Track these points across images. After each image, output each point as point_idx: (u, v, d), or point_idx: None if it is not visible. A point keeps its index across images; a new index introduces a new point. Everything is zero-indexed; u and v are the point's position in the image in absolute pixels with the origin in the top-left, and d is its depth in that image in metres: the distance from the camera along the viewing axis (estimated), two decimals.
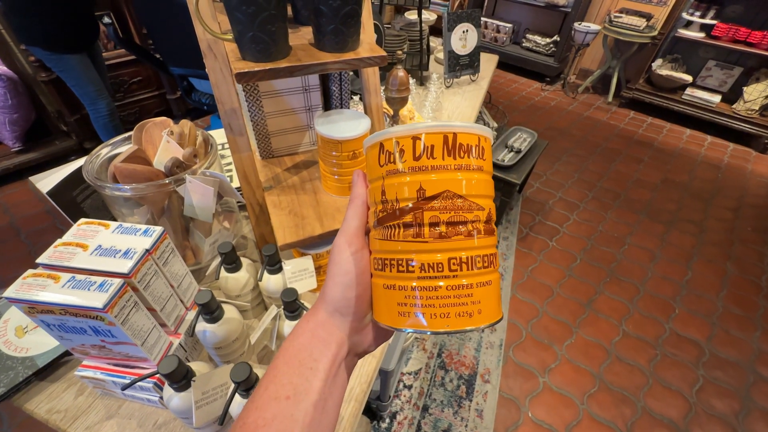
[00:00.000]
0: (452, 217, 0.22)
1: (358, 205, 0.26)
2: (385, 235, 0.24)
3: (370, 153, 0.25)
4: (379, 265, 0.24)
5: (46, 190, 0.57)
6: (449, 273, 0.22)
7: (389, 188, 0.23)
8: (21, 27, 1.53)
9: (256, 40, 0.45)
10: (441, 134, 0.22)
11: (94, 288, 0.41)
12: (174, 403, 0.45)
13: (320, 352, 0.24)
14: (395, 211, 0.23)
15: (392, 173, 0.23)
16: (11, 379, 0.53)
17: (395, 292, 0.23)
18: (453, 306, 0.22)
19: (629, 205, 2.25)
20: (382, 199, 0.24)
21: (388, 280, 0.24)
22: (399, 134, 0.23)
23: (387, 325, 0.24)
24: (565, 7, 3.28)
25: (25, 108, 2.07)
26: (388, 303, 0.24)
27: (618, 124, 3.12)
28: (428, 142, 0.22)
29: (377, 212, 0.24)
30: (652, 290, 1.75)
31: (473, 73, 1.56)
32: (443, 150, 0.22)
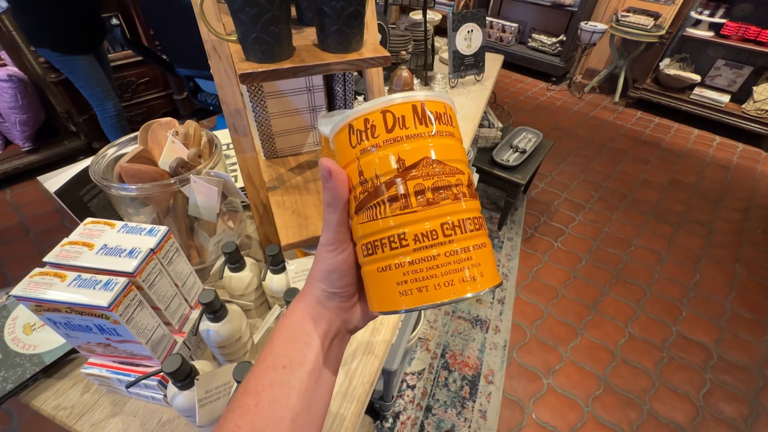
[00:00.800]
0: (436, 183, 0.22)
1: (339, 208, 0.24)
2: (370, 216, 0.23)
3: (339, 138, 0.24)
4: (369, 249, 0.23)
5: (53, 189, 0.58)
6: (444, 239, 0.22)
7: (366, 166, 0.23)
8: (30, 29, 1.55)
9: (260, 41, 0.46)
10: (409, 104, 0.22)
11: (99, 287, 0.42)
12: (178, 401, 0.45)
13: (312, 328, 0.25)
14: (377, 187, 0.22)
15: (367, 151, 0.23)
16: (19, 375, 0.54)
17: (392, 272, 0.22)
18: (455, 272, 0.22)
19: (636, 206, 2.23)
20: (361, 180, 0.23)
21: (381, 262, 0.23)
22: (366, 111, 0.22)
23: (388, 310, 0.23)
24: (572, 6, 3.26)
25: (35, 108, 2.10)
26: (385, 286, 0.23)
27: (625, 125, 3.09)
28: (398, 113, 0.22)
29: (357, 196, 0.23)
30: (658, 292, 1.73)
31: (478, 73, 1.55)
32: (414, 119, 0.22)
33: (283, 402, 0.23)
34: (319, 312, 0.26)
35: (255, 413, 0.23)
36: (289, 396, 0.23)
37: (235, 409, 0.23)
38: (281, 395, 0.23)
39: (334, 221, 0.25)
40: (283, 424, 0.23)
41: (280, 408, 0.23)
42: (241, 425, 0.22)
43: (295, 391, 0.23)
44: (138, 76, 2.35)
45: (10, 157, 2.11)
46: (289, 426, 0.23)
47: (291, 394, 0.23)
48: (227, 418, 0.23)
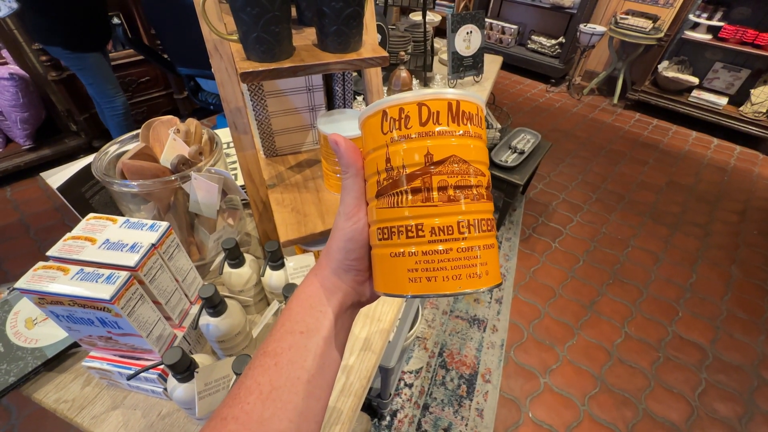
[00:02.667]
0: (459, 181, 0.23)
1: (354, 174, 0.27)
2: (391, 203, 0.24)
3: (370, 122, 0.25)
4: (384, 234, 0.24)
5: (56, 185, 0.59)
6: (459, 236, 0.23)
7: (395, 155, 0.23)
8: (42, 27, 1.55)
9: (260, 40, 0.47)
10: (446, 101, 0.23)
11: (101, 280, 0.42)
12: (177, 394, 0.46)
13: (328, 299, 0.27)
14: (402, 177, 0.23)
15: (398, 140, 0.23)
16: (21, 368, 0.55)
17: (404, 258, 0.23)
18: (464, 267, 0.23)
19: (633, 207, 2.24)
20: (387, 167, 0.24)
21: (395, 248, 0.24)
22: (404, 101, 0.23)
23: (394, 293, 0.24)
24: (571, 8, 3.28)
25: (36, 107, 2.11)
26: (395, 271, 0.24)
27: (623, 126, 3.11)
28: (434, 108, 0.23)
29: (380, 181, 0.24)
30: (655, 293, 1.74)
31: (477, 75, 1.56)
32: (448, 116, 0.23)
33: (299, 363, 0.25)
34: (335, 284, 0.27)
35: (274, 372, 0.24)
36: (306, 358, 0.25)
37: (256, 368, 0.25)
38: (298, 357, 0.25)
39: (350, 187, 0.27)
40: (299, 383, 0.24)
41: (297, 368, 0.25)
42: (261, 381, 0.24)
43: (311, 355, 0.25)
44: (139, 75, 2.36)
45: (10, 155, 2.11)
46: (305, 386, 0.25)
47: (307, 357, 0.25)
48: (248, 375, 0.25)
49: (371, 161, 0.25)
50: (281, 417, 0.23)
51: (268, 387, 0.24)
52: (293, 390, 0.24)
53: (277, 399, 0.24)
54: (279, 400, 0.24)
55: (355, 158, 0.27)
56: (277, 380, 0.24)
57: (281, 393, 0.24)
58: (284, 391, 0.24)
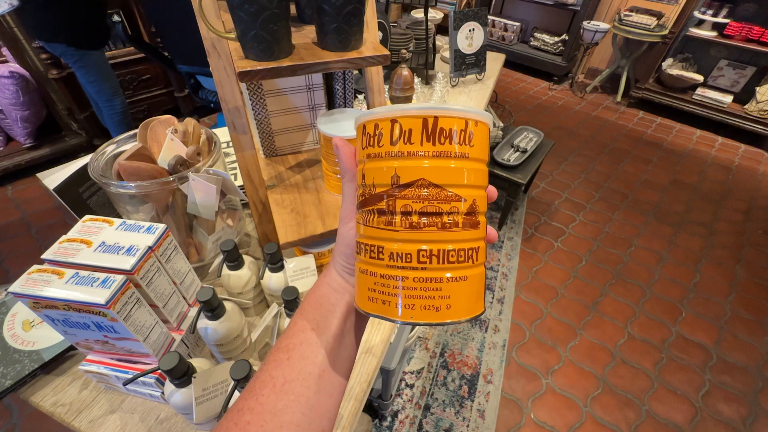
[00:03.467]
0: (425, 207, 0.21)
1: (350, 179, 0.27)
2: (363, 219, 0.24)
3: (357, 134, 0.25)
4: (359, 248, 0.24)
5: (53, 186, 0.58)
6: (417, 265, 0.22)
7: (368, 172, 0.23)
8: (46, 24, 1.54)
9: (259, 38, 0.45)
10: (420, 118, 0.21)
11: (97, 284, 0.42)
12: (175, 399, 0.45)
13: (336, 300, 0.28)
14: (372, 196, 0.23)
15: (371, 157, 0.23)
16: (18, 372, 0.54)
17: (367, 277, 0.23)
18: (419, 298, 0.21)
19: (637, 206, 2.23)
20: (362, 182, 0.24)
21: (362, 265, 0.24)
22: (379, 116, 0.22)
23: (358, 307, 0.24)
24: (574, 5, 3.24)
25: (36, 105, 2.10)
26: (362, 287, 0.24)
27: (626, 124, 3.08)
28: (406, 126, 0.21)
29: (358, 195, 0.24)
30: (658, 293, 1.72)
31: (479, 72, 1.55)
32: (422, 135, 0.21)
33: (311, 358, 0.26)
34: (342, 286, 0.28)
35: (287, 365, 0.26)
36: (317, 354, 0.26)
37: (270, 362, 0.26)
38: (309, 352, 0.26)
39: (347, 193, 0.27)
40: (310, 377, 0.25)
41: (308, 363, 0.26)
42: (275, 375, 0.25)
43: (322, 351, 0.26)
44: (139, 73, 2.35)
45: (11, 154, 2.11)
46: (316, 380, 0.25)
47: (318, 352, 0.26)
48: (263, 369, 0.26)
49: (357, 172, 0.25)
50: (294, 409, 0.24)
51: (282, 380, 0.25)
52: (305, 384, 0.25)
53: (290, 391, 0.25)
54: (292, 392, 0.25)
55: (351, 164, 0.27)
56: (290, 373, 0.25)
57: (294, 386, 0.25)
58: (296, 384, 0.25)
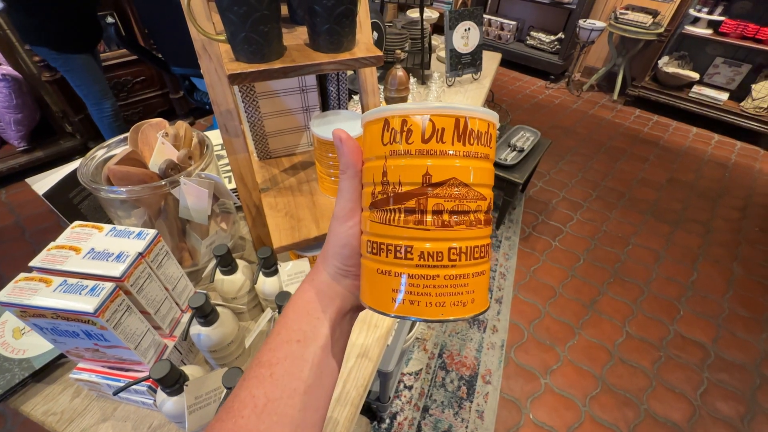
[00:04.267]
0: (456, 206, 0.22)
1: (352, 176, 0.25)
2: (383, 218, 0.23)
3: (371, 128, 0.23)
4: (374, 248, 0.23)
5: (42, 191, 0.57)
6: (448, 263, 0.22)
7: (392, 169, 0.22)
8: (28, 27, 1.53)
9: (249, 40, 0.45)
10: (453, 117, 0.21)
11: (85, 292, 0.41)
12: (167, 408, 0.45)
13: (325, 305, 0.26)
14: (397, 194, 0.22)
15: (397, 154, 0.22)
16: (8, 380, 0.53)
17: (390, 278, 0.23)
18: (449, 295, 0.22)
19: (634, 204, 2.23)
20: (383, 180, 0.23)
21: (383, 266, 0.23)
22: (408, 112, 0.21)
23: (377, 309, 0.23)
24: (570, 4, 3.25)
25: (30, 108, 2.08)
26: (381, 288, 0.23)
27: (623, 123, 3.09)
28: (439, 125, 0.21)
29: (375, 193, 0.23)
30: (656, 291, 1.73)
31: (475, 72, 1.54)
32: (453, 134, 0.21)
33: (296, 374, 0.24)
34: (333, 289, 0.26)
35: (270, 383, 0.24)
36: (302, 369, 0.24)
37: (251, 379, 0.24)
38: (295, 368, 0.24)
39: (346, 189, 0.25)
40: (296, 395, 0.24)
41: (294, 380, 0.24)
42: (256, 394, 0.23)
43: (308, 365, 0.24)
44: (134, 75, 2.34)
45: (5, 157, 2.09)
46: (302, 397, 0.24)
47: (304, 367, 0.24)
48: (242, 386, 0.24)
49: (369, 169, 0.24)
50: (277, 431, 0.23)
51: (264, 399, 0.23)
52: (290, 402, 0.23)
53: (273, 412, 0.23)
54: (275, 413, 0.23)
55: (355, 159, 0.25)
56: (273, 392, 0.23)
57: (277, 406, 0.23)
58: (280, 403, 0.23)
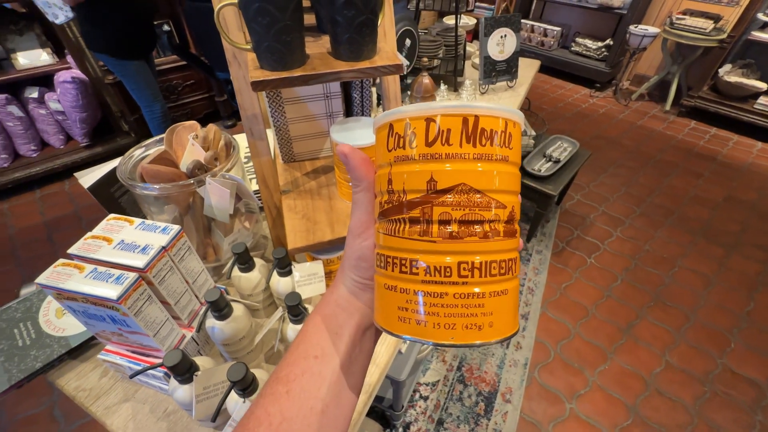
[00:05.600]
0: (466, 215, 0.20)
1: (365, 188, 0.25)
2: (389, 229, 0.21)
3: (379, 135, 0.22)
4: (382, 261, 0.22)
5: (87, 185, 0.63)
6: (458, 279, 0.20)
7: (396, 177, 0.21)
8: (92, 36, 1.70)
9: (272, 49, 0.47)
10: (460, 116, 0.19)
11: (111, 280, 0.44)
12: (178, 395, 0.47)
13: (344, 320, 0.25)
14: (402, 203, 0.21)
15: (401, 160, 0.21)
16: (47, 355, 0.59)
17: (396, 294, 0.21)
18: (460, 316, 0.20)
19: (683, 223, 2.06)
20: (389, 188, 0.21)
21: (389, 280, 0.21)
22: (411, 114, 0.20)
23: (385, 328, 0.22)
24: (621, 8, 3.08)
25: (93, 108, 2.29)
26: (388, 305, 0.22)
27: (676, 135, 2.87)
28: (444, 126, 0.19)
29: (382, 203, 0.22)
30: (704, 320, 1.58)
31: (510, 79, 1.51)
32: (461, 135, 0.19)
33: (313, 392, 0.23)
34: (352, 304, 0.26)
35: (285, 401, 0.23)
36: (320, 387, 0.23)
37: (267, 395, 0.23)
38: (312, 385, 0.23)
39: (360, 202, 0.25)
40: (312, 414, 0.23)
41: (311, 398, 0.23)
42: (272, 412, 0.22)
43: (326, 382, 0.24)
44: (183, 79, 2.51)
45: (69, 152, 2.32)
46: (319, 417, 0.23)
47: (322, 384, 0.23)
48: (258, 404, 0.23)
49: (378, 178, 0.23)
50: None
51: (279, 418, 0.22)
52: (305, 422, 0.22)
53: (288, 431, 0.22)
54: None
55: (366, 171, 0.24)
56: (289, 410, 0.23)
57: (292, 425, 0.22)
58: (296, 422, 0.22)
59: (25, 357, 0.58)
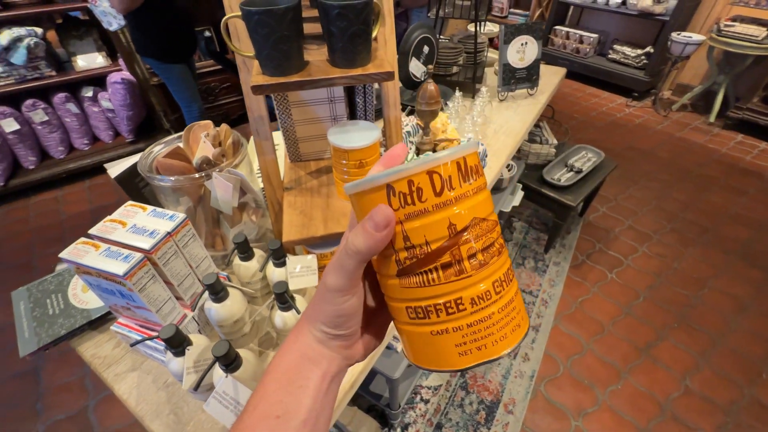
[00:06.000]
0: (485, 243, 0.22)
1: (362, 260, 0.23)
2: (420, 282, 0.22)
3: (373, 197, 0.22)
4: (419, 313, 0.23)
5: (114, 176, 0.70)
6: (496, 297, 0.22)
7: (413, 232, 0.21)
8: (140, 42, 1.86)
9: (270, 57, 0.51)
10: (455, 161, 0.21)
11: (120, 258, 0.50)
12: (172, 366, 0.52)
13: (310, 369, 0.24)
14: (427, 254, 0.21)
15: (413, 216, 0.21)
16: (71, 324, 0.66)
17: (450, 335, 0.22)
18: (507, 325, 0.22)
19: (719, 243, 1.93)
20: (407, 245, 0.22)
21: (437, 326, 0.22)
22: (412, 172, 0.21)
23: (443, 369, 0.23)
24: (663, 15, 2.94)
25: (139, 107, 2.49)
26: (443, 349, 0.23)
27: (719, 149, 2.69)
28: (446, 174, 0.21)
29: (401, 260, 0.22)
30: (734, 346, 1.47)
31: (531, 87, 1.49)
32: (459, 178, 0.21)
33: None
34: (319, 352, 0.24)
35: None
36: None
37: None
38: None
39: (352, 267, 0.22)
40: None
41: None
42: None
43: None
44: (220, 81, 2.66)
45: (116, 146, 2.53)
46: None
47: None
48: None
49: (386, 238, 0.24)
50: None
51: None
52: None
53: None
54: None
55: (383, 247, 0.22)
56: None
57: None
58: None
59: (53, 324, 0.66)
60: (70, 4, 2.21)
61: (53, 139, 2.39)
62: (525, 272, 1.77)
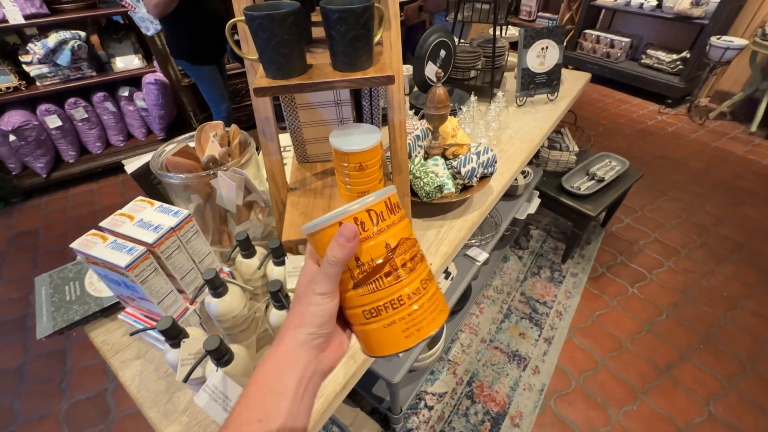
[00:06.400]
0: (411, 254, 0.30)
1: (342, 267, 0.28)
2: (371, 289, 0.29)
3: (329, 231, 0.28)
4: (373, 313, 0.29)
5: (130, 171, 0.74)
6: (423, 291, 0.30)
7: (363, 253, 0.28)
8: (173, 44, 1.95)
9: (272, 60, 0.53)
10: (383, 201, 0.29)
11: (125, 251, 0.53)
12: (168, 357, 0.54)
13: (289, 376, 0.27)
14: (374, 268, 0.28)
15: (361, 241, 0.28)
16: (85, 311, 0.70)
17: (398, 324, 0.29)
18: (435, 308, 0.30)
19: (753, 260, 1.81)
20: (358, 264, 0.28)
21: (387, 320, 0.29)
22: (355, 211, 0.28)
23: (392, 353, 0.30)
24: (702, 18, 2.79)
25: (170, 106, 2.61)
26: (393, 336, 0.29)
27: (760, 160, 2.52)
28: (378, 210, 0.29)
29: (355, 276, 0.29)
30: (765, 371, 1.37)
31: (551, 92, 1.45)
32: (387, 212, 0.29)
33: None
34: (297, 357, 0.27)
35: None
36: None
37: None
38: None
39: (334, 274, 0.28)
40: None
41: None
42: None
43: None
44: (246, 84, 2.75)
45: (149, 144, 2.66)
46: None
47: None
48: None
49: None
50: None
51: None
52: None
53: None
54: None
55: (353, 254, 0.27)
56: None
57: None
58: None
59: (69, 310, 0.70)
60: (111, 9, 2.35)
61: (92, 135, 2.54)
62: (540, 282, 1.72)
